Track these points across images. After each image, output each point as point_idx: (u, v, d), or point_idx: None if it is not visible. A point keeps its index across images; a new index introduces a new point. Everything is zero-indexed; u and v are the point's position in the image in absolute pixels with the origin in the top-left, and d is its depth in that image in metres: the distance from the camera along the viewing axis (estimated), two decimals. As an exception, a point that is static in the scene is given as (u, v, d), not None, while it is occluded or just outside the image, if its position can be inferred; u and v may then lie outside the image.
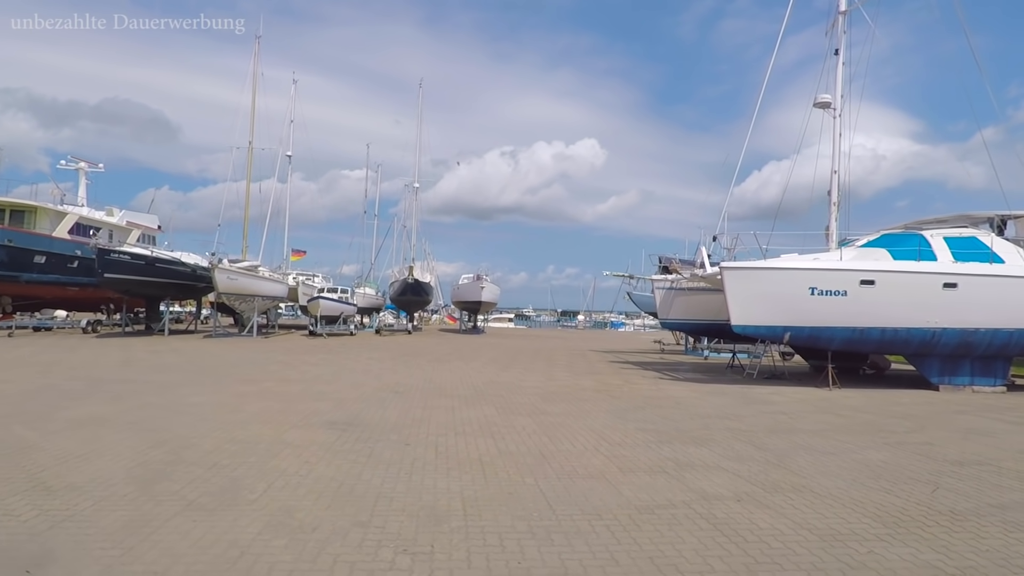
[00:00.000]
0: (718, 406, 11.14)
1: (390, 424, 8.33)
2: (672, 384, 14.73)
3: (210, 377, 13.19)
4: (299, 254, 47.86)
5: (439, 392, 11.83)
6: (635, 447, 7.35)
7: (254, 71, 33.79)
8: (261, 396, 10.56)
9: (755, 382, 15.52)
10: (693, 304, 18.67)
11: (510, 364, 18.94)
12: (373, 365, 17.26)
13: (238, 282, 28.42)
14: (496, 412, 9.64)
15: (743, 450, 7.37)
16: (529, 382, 14.07)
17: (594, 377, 15.71)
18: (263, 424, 8.02)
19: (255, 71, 33.86)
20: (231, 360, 17.39)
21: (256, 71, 33.88)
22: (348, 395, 11.02)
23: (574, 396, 11.86)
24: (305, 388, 11.81)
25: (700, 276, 16.60)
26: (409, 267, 41.75)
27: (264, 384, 12.24)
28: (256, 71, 33.88)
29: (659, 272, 19.44)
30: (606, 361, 21.46)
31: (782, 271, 14.12)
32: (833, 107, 17.76)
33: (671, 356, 25.32)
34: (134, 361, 16.18)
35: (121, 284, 26.56)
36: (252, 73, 33.88)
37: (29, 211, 30.75)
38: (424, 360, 19.42)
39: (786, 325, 14.29)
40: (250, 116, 33.78)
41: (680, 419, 9.56)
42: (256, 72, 33.90)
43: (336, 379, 13.53)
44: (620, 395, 12.25)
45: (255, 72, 33.85)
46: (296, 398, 10.45)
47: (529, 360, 20.89)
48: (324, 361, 18.07)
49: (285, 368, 15.67)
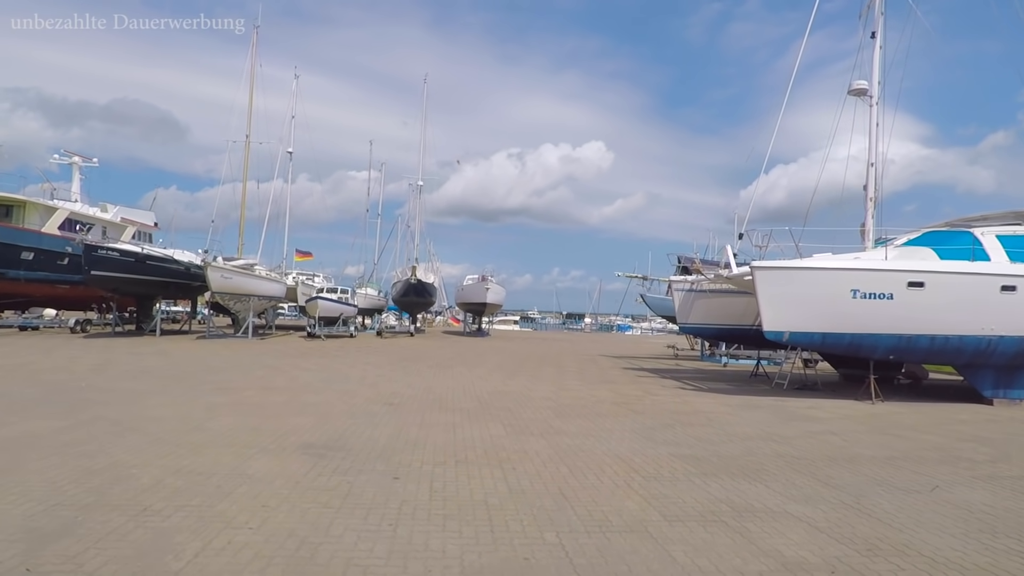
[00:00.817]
0: (756, 423, 9.78)
1: (379, 448, 7.01)
2: (697, 396, 13.36)
3: (185, 384, 11.90)
4: (305, 255, 46.68)
5: (439, 404, 10.51)
6: (675, 482, 6.00)
7: (252, 62, 32.61)
8: (235, 409, 9.25)
9: (786, 393, 14.15)
10: (715, 307, 17.30)
11: (517, 370, 17.60)
12: (369, 371, 15.95)
13: (232, 281, 27.17)
14: (504, 431, 8.31)
15: (807, 486, 6.01)
16: (539, 392, 12.74)
17: (609, 387, 14.36)
18: (225, 447, 6.70)
19: (253, 62, 32.69)
20: (216, 364, 16.11)
21: (254, 62, 32.73)
22: (336, 408, 9.70)
23: (591, 410, 10.51)
24: (289, 399, 10.50)
25: (726, 277, 15.23)
26: (412, 267, 40.42)
27: (243, 393, 10.94)
28: (254, 62, 32.73)
29: (678, 273, 18.04)
30: (619, 368, 20.09)
31: (821, 271, 12.73)
32: (869, 94, 16.37)
33: (687, 362, 23.93)
34: (110, 365, 14.92)
35: (109, 282, 25.35)
36: (250, 64, 32.68)
37: (17, 206, 29.61)
38: (424, 366, 18.10)
39: (824, 332, 12.91)
40: (248, 111, 32.57)
41: (718, 441, 8.20)
42: (254, 64, 32.75)
43: (326, 388, 12.23)
44: (642, 409, 10.90)
45: (253, 64, 32.69)
46: (275, 411, 9.14)
47: (537, 366, 19.55)
48: (317, 366, 16.78)
49: (272, 374, 14.38)
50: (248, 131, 32.30)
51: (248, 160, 32.43)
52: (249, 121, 32.26)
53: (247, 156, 32.42)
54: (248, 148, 32.39)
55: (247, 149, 32.38)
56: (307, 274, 42.48)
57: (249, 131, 32.31)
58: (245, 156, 32.37)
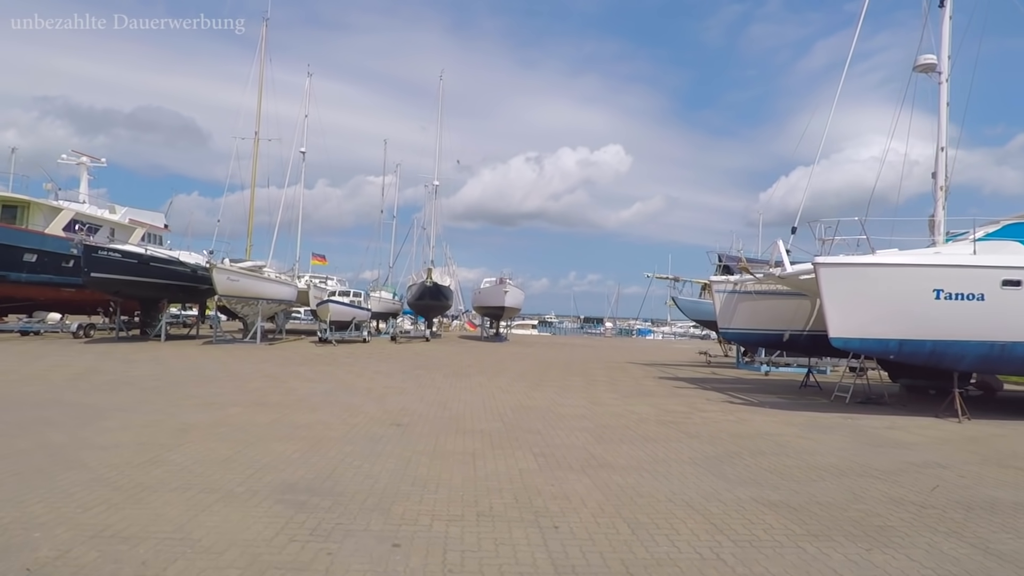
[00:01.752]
0: (838, 451, 8.05)
1: (377, 491, 5.43)
2: (751, 412, 11.62)
3: (166, 398, 10.45)
4: (320, 260, 45.69)
5: (456, 425, 8.92)
6: (779, 549, 4.33)
7: (260, 57, 31.44)
8: (211, 431, 7.75)
9: (850, 408, 12.35)
10: (762, 310, 15.52)
11: (542, 380, 15.97)
12: (378, 381, 14.42)
13: (239, 283, 25.87)
14: (535, 463, 6.69)
15: (963, 557, 4.32)
16: (570, 407, 11.10)
17: (648, 400, 12.67)
18: (178, 492, 5.17)
19: (262, 57, 31.52)
20: (211, 373, 14.70)
21: (263, 57, 31.56)
22: (332, 430, 8.16)
23: (635, 432, 8.85)
24: (279, 417, 8.98)
25: (778, 276, 13.48)
26: (427, 269, 38.99)
27: (228, 410, 9.44)
28: (263, 57, 31.56)
29: (718, 273, 16.26)
30: (652, 377, 18.36)
31: (898, 268, 10.96)
32: (938, 70, 14.52)
33: (722, 370, 22.11)
34: (94, 373, 13.57)
35: (110, 284, 24.14)
36: (259, 64, 31.51)
37: (22, 206, 28.64)
38: (440, 375, 16.55)
39: (901, 338, 11.13)
40: (257, 107, 31.38)
41: (804, 477, 6.51)
42: (263, 58, 31.58)
43: (326, 402, 10.71)
44: (695, 430, 9.21)
45: (262, 58, 31.52)
46: (258, 435, 7.62)
47: (562, 374, 17.90)
48: (322, 375, 15.29)
49: (270, 385, 12.91)
50: (257, 128, 31.16)
51: (257, 158, 31.27)
52: (258, 118, 31.16)
53: (256, 154, 31.30)
54: (257, 145, 31.24)
55: (256, 146, 31.26)
56: (320, 277, 41.31)
57: (258, 128, 31.18)
58: (254, 154, 31.24)
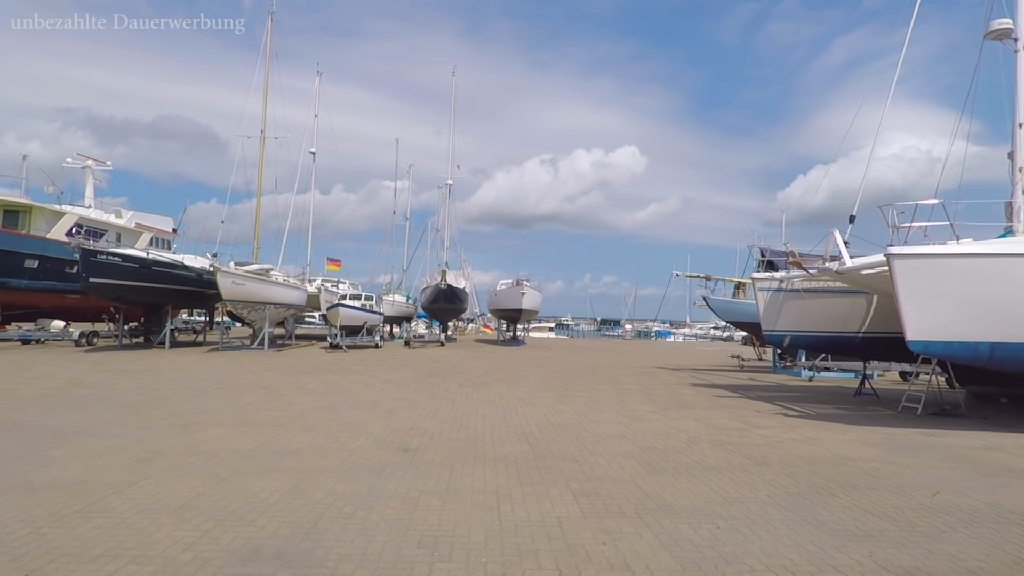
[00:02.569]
0: (945, 483, 6.49)
1: (370, 558, 4.01)
2: (813, 428, 10.05)
3: (142, 417, 9.14)
4: (335, 264, 44.76)
5: (474, 449, 7.49)
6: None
7: (266, 47, 30.32)
8: (178, 463, 6.39)
9: (925, 421, 10.72)
10: (812, 310, 13.89)
11: (567, 388, 14.50)
12: (387, 392, 13.05)
13: (245, 288, 24.72)
14: (577, 509, 5.24)
15: None
16: (605, 424, 9.62)
17: (692, 413, 11.14)
18: (97, 562, 3.79)
19: (268, 48, 30.40)
20: (205, 384, 13.44)
21: (268, 48, 30.44)
22: (326, 458, 6.77)
23: (689, 458, 7.36)
24: (265, 441, 7.62)
25: (836, 271, 11.89)
26: (441, 271, 37.66)
27: (208, 432, 8.10)
28: (268, 48, 30.44)
29: (761, 269, 14.66)
30: (687, 384, 16.80)
31: (990, 260, 9.36)
32: (1014, 36, 12.86)
33: (759, 375, 20.46)
34: (75, 386, 12.35)
35: (110, 290, 23.06)
36: (265, 55, 30.40)
37: (24, 211, 27.79)
38: (455, 383, 15.14)
39: (993, 341, 9.52)
40: (263, 101, 30.26)
41: (928, 527, 4.98)
42: (268, 49, 30.46)
43: (325, 419, 9.35)
44: (760, 454, 7.69)
45: (268, 49, 30.40)
46: (234, 468, 6.25)
47: (588, 381, 16.41)
48: (326, 385, 13.96)
49: (266, 398, 11.59)
50: (263, 126, 30.02)
51: (263, 155, 30.16)
52: (264, 115, 30.02)
53: (262, 151, 30.16)
54: (263, 144, 30.11)
55: (262, 145, 30.11)
56: (331, 281, 40.19)
57: (264, 126, 30.04)
58: (260, 151, 30.11)
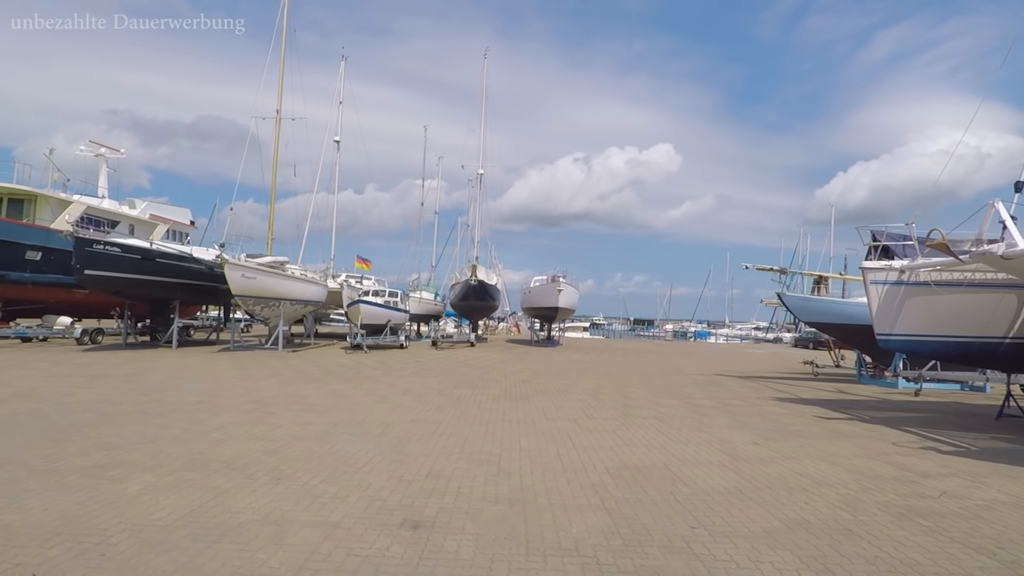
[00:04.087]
0: None
1: None
2: (997, 472, 7.04)
3: (58, 451, 6.64)
4: (365, 263, 42.85)
5: (522, 527, 4.75)
6: None
7: (283, 23, 28.11)
8: (25, 556, 3.81)
9: None
10: (944, 309, 10.80)
11: (627, 404, 11.67)
12: (404, 409, 10.43)
13: (257, 282, 22.46)
14: None
15: None
16: (702, 467, 6.79)
17: (808, 446, 8.21)
18: None
19: (284, 24, 28.19)
20: (179, 397, 11.01)
21: (286, 24, 28.22)
22: (281, 550, 4.12)
23: (882, 550, 4.49)
24: (199, 507, 5.01)
25: (1004, 256, 8.79)
26: (472, 266, 35.04)
27: (126, 485, 5.53)
28: (286, 24, 28.22)
29: (874, 257, 11.61)
30: (767, 398, 13.81)
31: None
32: None
33: (844, 385, 17.29)
34: (21, 398, 10.03)
35: (108, 283, 21.00)
36: (282, 33, 28.21)
37: (29, 199, 26.14)
38: (488, 396, 12.46)
39: None
40: (279, 81, 28.05)
41: None
42: (285, 25, 28.25)
43: (308, 459, 6.73)
44: (980, 541, 4.78)
45: (284, 26, 28.20)
46: (121, 567, 3.63)
47: (647, 393, 13.54)
48: (329, 399, 11.42)
49: (246, 418, 9.06)
50: (279, 106, 27.80)
51: (279, 138, 27.97)
52: (280, 95, 27.80)
53: (278, 134, 27.95)
54: (279, 125, 27.89)
55: (278, 126, 27.91)
56: (356, 276, 37.93)
57: (280, 106, 27.81)
58: (276, 134, 27.91)
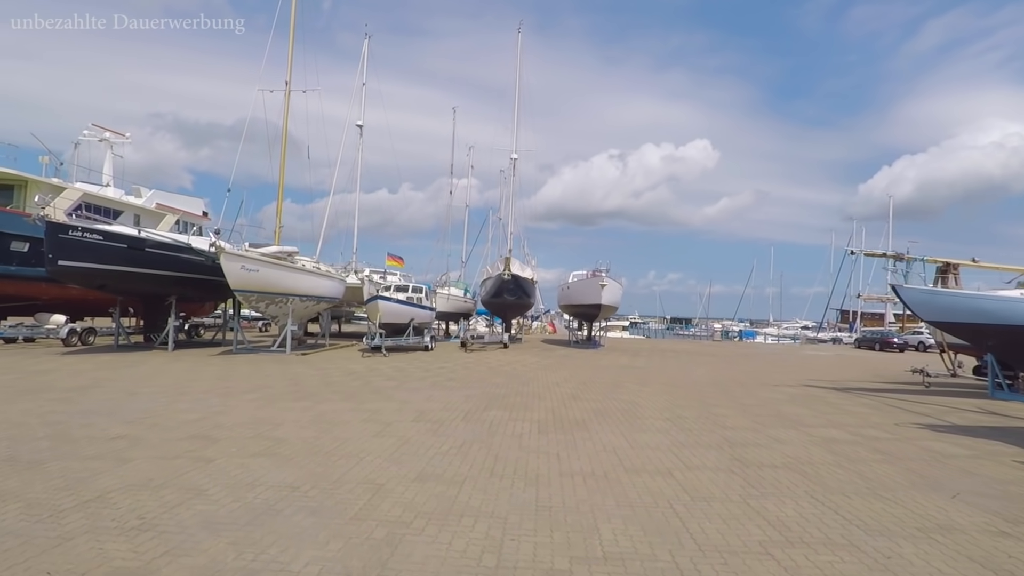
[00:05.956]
0: None
1: None
2: None
3: None
4: (397, 261, 40.29)
5: None
6: None
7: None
8: None
9: None
10: None
11: (730, 439, 8.23)
12: (411, 452, 7.20)
13: (259, 275, 19.61)
14: None
15: None
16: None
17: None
18: None
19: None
20: (98, 430, 7.99)
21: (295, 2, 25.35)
22: None
23: None
24: None
25: None
26: (505, 259, 31.76)
27: None
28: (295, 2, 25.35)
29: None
30: (909, 424, 10.17)
31: None
32: None
33: (980, 401, 13.46)
34: None
35: (87, 276, 18.32)
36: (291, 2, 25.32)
37: (19, 185, 23.86)
38: (531, 424, 9.15)
39: None
40: (289, 53, 25.21)
41: None
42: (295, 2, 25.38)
43: (237, 565, 3.52)
44: None
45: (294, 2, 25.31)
46: None
47: (744, 418, 10.05)
48: (312, 429, 8.26)
49: (156, 476, 5.96)
50: (288, 77, 24.93)
51: (288, 109, 25.12)
52: (290, 66, 24.94)
53: (287, 107, 25.10)
54: (288, 97, 25.04)
55: (287, 99, 25.06)
56: (379, 271, 35.04)
57: (289, 77, 24.94)
58: (285, 107, 25.04)
